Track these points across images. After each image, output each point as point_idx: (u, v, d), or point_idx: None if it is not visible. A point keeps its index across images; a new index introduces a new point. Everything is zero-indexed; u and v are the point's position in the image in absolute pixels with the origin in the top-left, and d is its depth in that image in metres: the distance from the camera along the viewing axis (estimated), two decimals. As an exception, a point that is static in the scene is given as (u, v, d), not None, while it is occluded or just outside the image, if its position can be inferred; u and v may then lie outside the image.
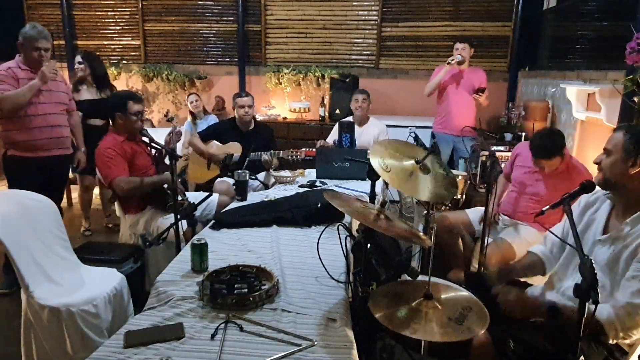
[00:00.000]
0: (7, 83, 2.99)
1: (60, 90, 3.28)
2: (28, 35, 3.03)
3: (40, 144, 3.14)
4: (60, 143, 3.28)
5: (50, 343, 2.09)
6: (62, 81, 3.35)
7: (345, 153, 3.55)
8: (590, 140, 3.35)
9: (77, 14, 6.23)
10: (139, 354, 1.42)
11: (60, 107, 3.27)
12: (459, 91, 4.39)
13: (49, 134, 3.18)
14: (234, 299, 1.66)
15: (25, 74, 3.07)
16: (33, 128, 3.09)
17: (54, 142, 3.22)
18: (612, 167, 1.68)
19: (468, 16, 5.52)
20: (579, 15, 4.12)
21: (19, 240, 2.11)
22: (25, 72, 3.07)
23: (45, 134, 3.15)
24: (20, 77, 3.04)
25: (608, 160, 1.70)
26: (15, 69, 3.06)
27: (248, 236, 2.34)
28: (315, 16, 5.81)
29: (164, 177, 2.98)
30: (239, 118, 3.88)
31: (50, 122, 3.18)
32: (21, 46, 3.06)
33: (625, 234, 1.64)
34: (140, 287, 2.79)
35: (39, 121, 3.11)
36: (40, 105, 3.10)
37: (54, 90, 3.20)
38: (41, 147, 3.15)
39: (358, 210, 1.65)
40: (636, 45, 2.23)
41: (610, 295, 1.63)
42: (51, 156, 3.21)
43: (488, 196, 2.44)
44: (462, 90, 4.38)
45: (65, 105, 3.33)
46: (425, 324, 1.36)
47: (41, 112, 3.11)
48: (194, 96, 5.10)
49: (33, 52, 3.04)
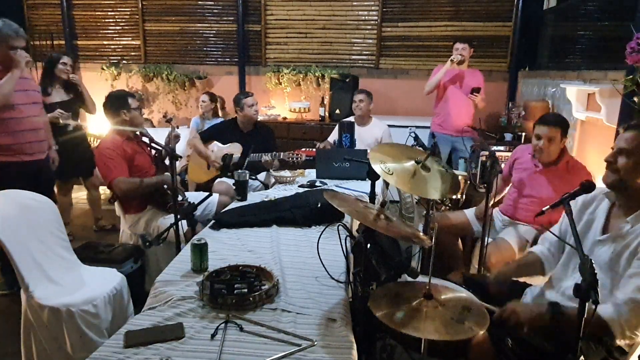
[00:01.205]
0: None
1: (33, 89, 3.14)
2: (4, 33, 2.83)
3: (25, 147, 3.00)
4: (42, 146, 3.15)
5: (50, 343, 2.09)
6: (31, 78, 3.23)
7: (345, 153, 3.55)
8: (590, 140, 3.35)
9: (77, 14, 6.24)
10: (139, 354, 1.42)
11: (38, 108, 3.14)
12: (458, 92, 4.40)
13: (34, 137, 3.05)
14: (234, 299, 1.66)
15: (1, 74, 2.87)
16: (17, 131, 2.94)
17: (36, 145, 3.09)
18: (635, 169, 1.61)
19: (468, 16, 5.52)
20: (579, 15, 4.12)
21: (19, 240, 2.11)
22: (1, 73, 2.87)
23: (29, 137, 3.01)
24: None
25: (630, 162, 1.62)
26: None
27: (248, 236, 2.34)
28: (315, 16, 5.81)
29: (163, 178, 2.97)
30: (246, 118, 3.87)
31: (34, 125, 3.05)
32: None
33: (626, 232, 1.63)
34: (140, 287, 2.79)
35: (23, 124, 2.97)
36: (22, 107, 2.96)
37: (29, 90, 3.07)
38: (25, 151, 3.00)
39: (358, 210, 1.65)
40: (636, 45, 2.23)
41: (610, 295, 1.63)
42: (34, 160, 3.07)
43: (488, 196, 2.44)
44: (461, 91, 4.39)
45: (41, 105, 3.21)
46: (425, 324, 1.36)
47: (25, 115, 2.97)
48: (206, 96, 5.13)
49: (9, 51, 2.85)
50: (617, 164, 1.65)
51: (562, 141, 2.57)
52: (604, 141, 2.99)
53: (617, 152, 1.66)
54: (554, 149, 2.56)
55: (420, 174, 1.83)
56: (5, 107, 2.89)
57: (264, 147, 3.68)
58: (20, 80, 2.98)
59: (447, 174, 1.95)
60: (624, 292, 1.55)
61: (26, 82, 3.08)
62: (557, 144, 2.55)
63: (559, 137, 2.53)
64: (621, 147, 1.66)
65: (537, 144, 2.56)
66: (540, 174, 2.66)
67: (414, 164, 1.85)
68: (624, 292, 1.55)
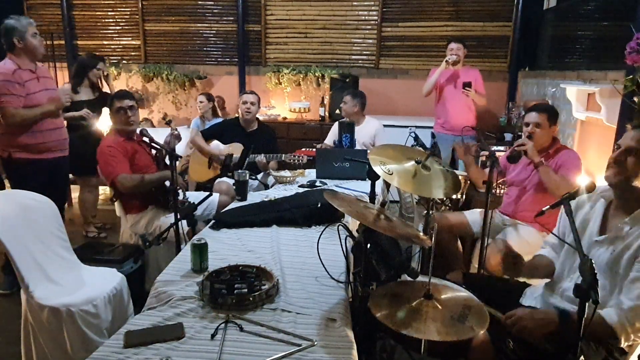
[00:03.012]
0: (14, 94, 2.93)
1: (53, 88, 3.27)
2: (21, 25, 2.98)
3: (49, 145, 3.15)
4: (64, 144, 3.30)
5: (50, 343, 2.09)
6: (51, 77, 3.34)
7: (345, 153, 3.55)
8: (590, 140, 3.35)
9: (77, 14, 6.23)
10: (139, 354, 1.41)
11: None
12: (456, 91, 4.42)
13: (58, 135, 3.20)
14: (234, 299, 1.66)
15: (28, 75, 3.03)
16: (43, 130, 3.10)
17: (60, 143, 3.24)
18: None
19: (468, 16, 5.53)
20: (579, 15, 4.12)
21: (19, 240, 2.11)
22: (27, 73, 3.03)
23: (54, 136, 3.17)
24: (25, 80, 2.99)
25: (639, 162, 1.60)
26: (19, 71, 2.98)
27: (248, 236, 2.34)
28: (315, 16, 5.81)
29: (165, 174, 2.96)
30: (241, 115, 3.88)
31: (57, 124, 3.21)
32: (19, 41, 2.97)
33: (625, 233, 1.62)
34: (140, 287, 2.79)
35: (47, 124, 3.12)
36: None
37: (50, 88, 3.19)
38: (49, 149, 3.16)
39: (358, 210, 1.65)
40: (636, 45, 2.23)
41: (610, 296, 1.63)
42: (56, 157, 3.22)
43: (488, 197, 2.44)
44: (458, 90, 4.40)
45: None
46: (426, 324, 1.36)
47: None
48: (202, 96, 5.14)
49: (32, 39, 3.01)
50: (626, 162, 1.62)
51: (552, 128, 2.64)
52: (604, 141, 2.99)
53: (626, 151, 1.63)
54: (541, 135, 2.61)
55: (422, 174, 1.83)
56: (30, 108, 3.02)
57: (264, 148, 3.68)
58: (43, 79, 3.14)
59: (448, 173, 1.96)
60: (629, 297, 1.54)
61: (48, 81, 3.21)
62: (546, 129, 2.62)
63: (546, 122, 2.61)
64: (630, 145, 1.63)
65: (526, 131, 2.64)
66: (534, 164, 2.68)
67: (414, 164, 1.85)
68: (630, 297, 1.54)
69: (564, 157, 2.58)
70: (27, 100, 3.00)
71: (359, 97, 4.18)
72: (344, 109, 4.18)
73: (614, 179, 1.66)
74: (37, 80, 3.09)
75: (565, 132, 3.77)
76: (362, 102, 4.17)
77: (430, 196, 2.38)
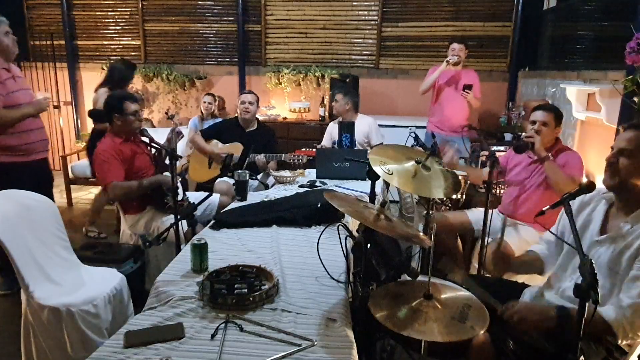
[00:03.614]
0: None
1: (28, 88, 3.14)
2: None
3: (35, 146, 3.03)
4: (46, 145, 3.17)
5: (50, 343, 2.09)
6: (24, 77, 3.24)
7: (345, 153, 3.55)
8: (590, 140, 3.35)
9: (77, 14, 6.24)
10: (139, 354, 1.42)
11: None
12: (453, 92, 4.42)
13: (41, 135, 3.08)
14: (234, 299, 1.66)
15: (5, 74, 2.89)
16: (27, 131, 2.97)
17: (43, 144, 3.12)
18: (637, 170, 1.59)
19: (468, 16, 5.53)
20: (579, 15, 4.12)
21: (19, 240, 2.11)
22: (4, 72, 2.89)
23: (38, 135, 3.05)
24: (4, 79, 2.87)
25: (631, 163, 1.60)
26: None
27: (248, 236, 2.34)
28: (315, 16, 5.81)
29: (158, 179, 2.95)
30: (239, 114, 3.88)
31: (39, 125, 3.08)
32: None
33: (626, 232, 1.62)
34: (140, 287, 2.79)
35: (30, 123, 2.99)
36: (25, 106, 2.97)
37: (25, 88, 3.07)
38: (35, 150, 3.04)
39: (358, 210, 1.65)
40: (636, 45, 2.23)
41: (610, 295, 1.62)
42: (41, 159, 3.10)
43: (488, 196, 2.44)
44: (457, 91, 4.40)
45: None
46: (426, 324, 1.36)
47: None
48: (209, 97, 5.13)
49: (4, 38, 2.87)
50: (619, 164, 1.63)
51: (556, 129, 2.65)
52: (604, 141, 3.00)
53: (618, 153, 1.65)
54: (547, 134, 2.62)
55: (422, 174, 1.83)
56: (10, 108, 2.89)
57: (264, 147, 3.68)
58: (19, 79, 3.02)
59: (448, 172, 1.96)
60: (629, 295, 1.54)
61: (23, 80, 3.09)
62: (552, 129, 2.63)
63: (552, 122, 2.62)
64: (622, 147, 1.64)
65: (533, 128, 2.65)
66: (535, 163, 2.68)
67: (414, 164, 1.85)
68: (629, 295, 1.54)
69: (566, 158, 2.59)
70: (6, 99, 2.87)
71: (350, 95, 4.17)
72: (336, 107, 4.16)
73: (610, 182, 1.67)
74: (14, 79, 2.97)
75: (566, 132, 3.77)
76: (354, 101, 4.15)
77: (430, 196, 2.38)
